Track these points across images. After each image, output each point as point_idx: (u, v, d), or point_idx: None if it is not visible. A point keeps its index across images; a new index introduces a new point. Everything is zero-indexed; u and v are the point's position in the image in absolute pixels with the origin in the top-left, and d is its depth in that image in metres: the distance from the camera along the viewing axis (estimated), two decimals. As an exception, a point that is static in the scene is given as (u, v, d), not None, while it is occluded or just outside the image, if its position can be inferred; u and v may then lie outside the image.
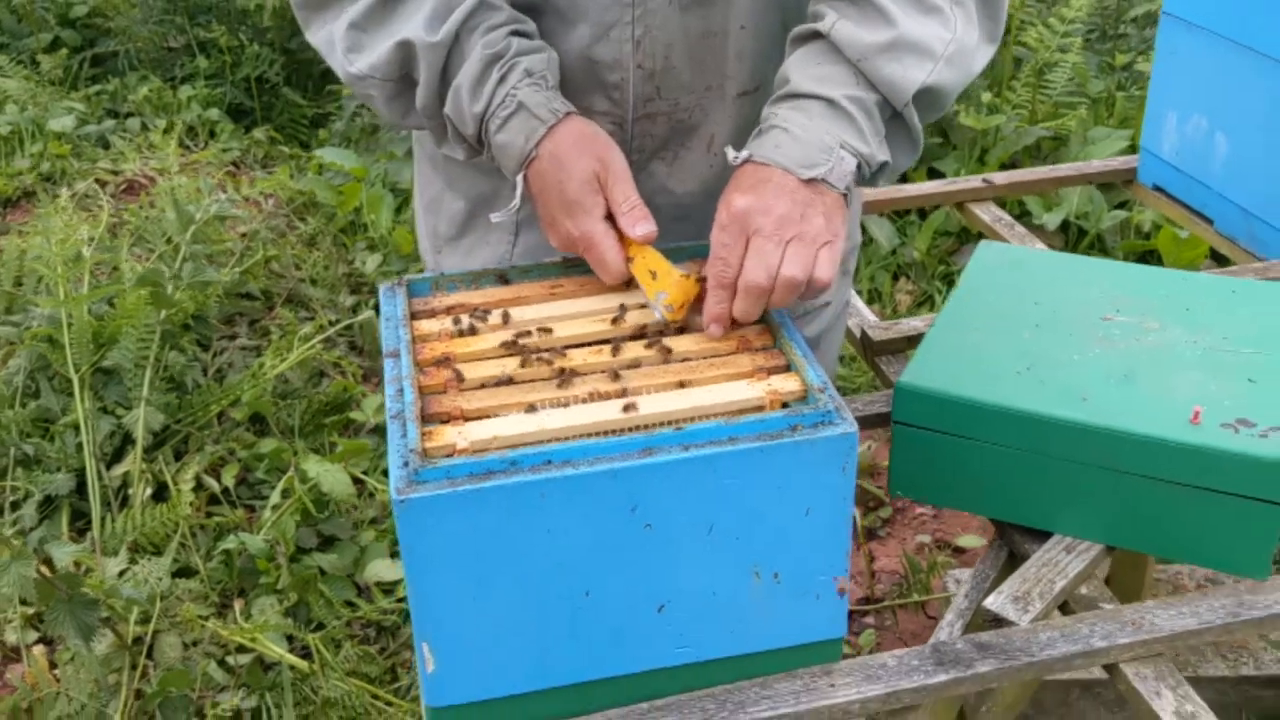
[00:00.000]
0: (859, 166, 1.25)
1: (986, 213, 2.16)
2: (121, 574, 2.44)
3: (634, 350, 1.22)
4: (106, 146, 4.62)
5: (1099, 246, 3.41)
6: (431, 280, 1.35)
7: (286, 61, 4.97)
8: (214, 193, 3.38)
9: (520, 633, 1.12)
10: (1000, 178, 2.25)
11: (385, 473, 2.03)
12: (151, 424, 2.75)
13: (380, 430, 2.80)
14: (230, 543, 2.47)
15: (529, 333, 1.25)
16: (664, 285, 1.24)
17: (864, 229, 3.58)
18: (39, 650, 2.39)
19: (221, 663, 2.28)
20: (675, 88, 1.39)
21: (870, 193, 2.34)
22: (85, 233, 3.15)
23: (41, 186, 4.17)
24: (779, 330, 1.23)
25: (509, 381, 1.18)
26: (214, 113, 4.79)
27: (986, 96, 3.36)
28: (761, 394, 1.14)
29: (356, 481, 2.70)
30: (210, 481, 2.72)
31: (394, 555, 2.51)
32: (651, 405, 1.13)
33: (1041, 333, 1.48)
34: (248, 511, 2.71)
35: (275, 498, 2.57)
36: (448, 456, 1.08)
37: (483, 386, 1.18)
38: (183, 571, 2.51)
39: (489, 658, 1.13)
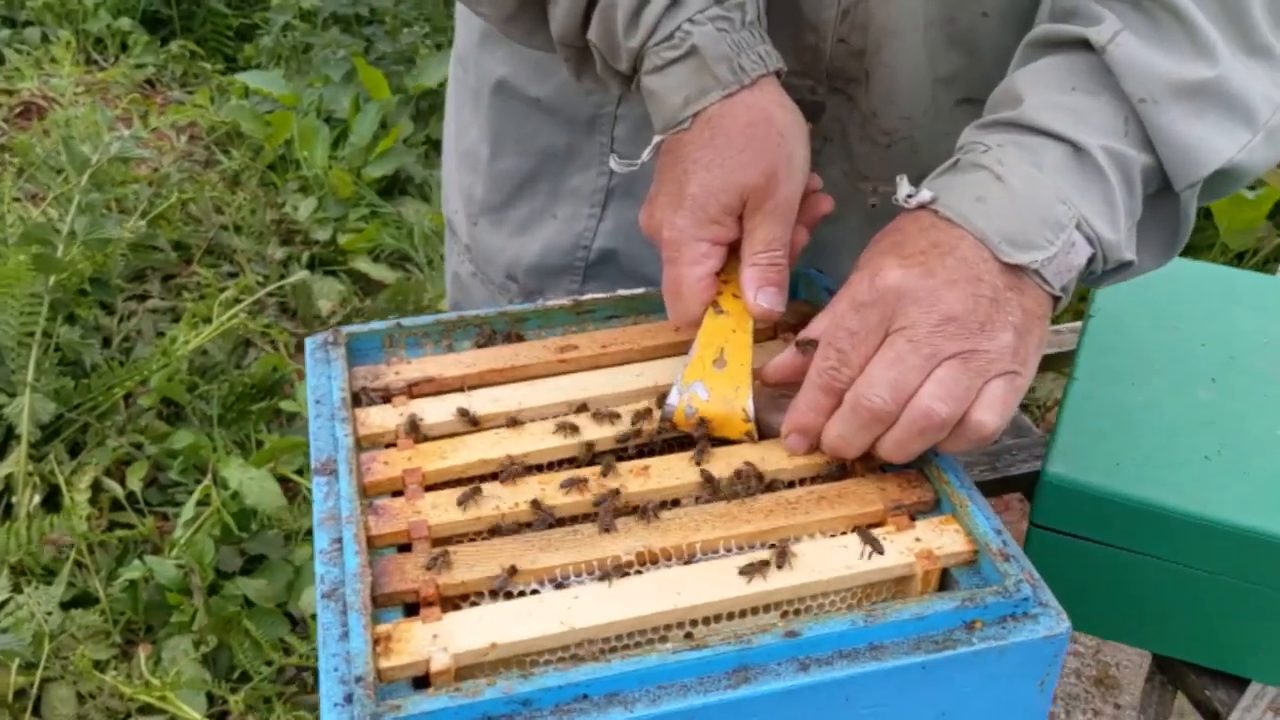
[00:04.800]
0: (1090, 260, 0.82)
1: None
2: (2, 605, 2.01)
3: (692, 469, 0.80)
4: (1, 61, 4.06)
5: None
6: (384, 334, 0.92)
7: (209, -38, 4.43)
8: (116, 126, 2.87)
9: None
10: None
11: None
12: (40, 414, 2.28)
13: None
14: (136, 570, 2.05)
15: (528, 432, 0.83)
16: (717, 384, 0.83)
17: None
18: (-101, 705, 1.97)
19: (124, 724, 1.87)
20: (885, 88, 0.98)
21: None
22: (-40, 173, 2.64)
23: (-79, 108, 3.62)
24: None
25: (508, 529, 0.76)
26: (125, 22, 4.24)
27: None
28: (907, 558, 0.74)
29: (285, 482, 2.27)
30: (113, 485, 2.27)
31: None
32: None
33: (1223, 391, 1.09)
34: (159, 520, 2.27)
35: (189, 511, 2.14)
36: (419, 688, 0.66)
37: (469, 539, 0.76)
38: (78, 600, 2.08)
39: None
